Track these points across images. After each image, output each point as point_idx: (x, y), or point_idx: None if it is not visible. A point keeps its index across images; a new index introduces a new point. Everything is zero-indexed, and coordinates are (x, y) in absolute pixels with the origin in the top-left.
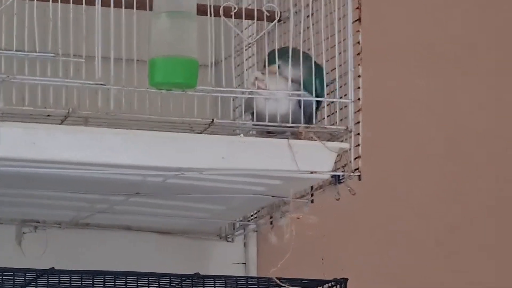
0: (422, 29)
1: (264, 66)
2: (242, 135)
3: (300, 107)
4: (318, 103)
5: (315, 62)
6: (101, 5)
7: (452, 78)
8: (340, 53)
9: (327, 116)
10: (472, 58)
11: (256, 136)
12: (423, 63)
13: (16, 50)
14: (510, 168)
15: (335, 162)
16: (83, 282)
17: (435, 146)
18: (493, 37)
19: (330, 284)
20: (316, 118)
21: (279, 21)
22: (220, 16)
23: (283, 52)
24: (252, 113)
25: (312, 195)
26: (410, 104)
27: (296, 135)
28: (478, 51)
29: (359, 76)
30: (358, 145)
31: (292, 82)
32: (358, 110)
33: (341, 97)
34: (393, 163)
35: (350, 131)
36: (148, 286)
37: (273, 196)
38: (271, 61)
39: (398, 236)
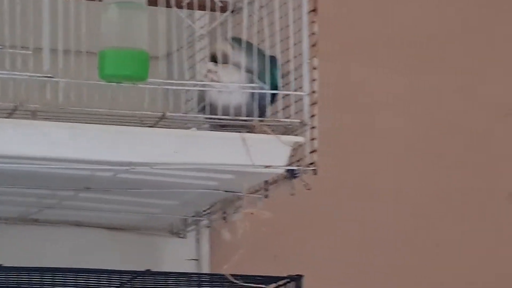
0: (390, 22)
1: (215, 60)
2: (194, 128)
3: (254, 99)
4: (275, 95)
5: (269, 55)
6: None
7: (419, 72)
8: (295, 44)
9: (282, 109)
10: (439, 51)
11: (209, 130)
12: (391, 56)
13: None
14: (474, 161)
15: (290, 156)
16: (31, 279)
17: (396, 140)
18: (461, 31)
19: (284, 281)
20: (271, 111)
21: (232, 11)
22: (171, 7)
23: (237, 40)
24: (205, 106)
25: (266, 190)
26: (376, 98)
27: (250, 129)
28: (443, 44)
29: (314, 68)
30: (314, 138)
31: (246, 73)
32: (314, 103)
33: (296, 90)
34: (352, 157)
35: (305, 125)
36: (99, 283)
37: (226, 191)
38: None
39: (354, 232)
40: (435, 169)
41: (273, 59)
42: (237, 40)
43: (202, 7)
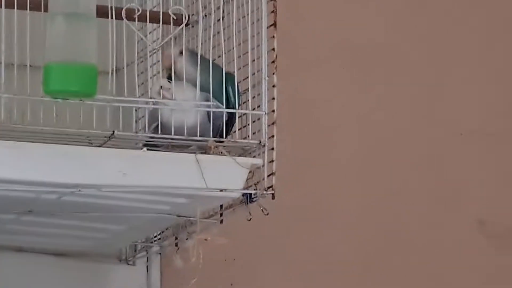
0: (347, 35)
1: (169, 77)
2: (145, 149)
3: (210, 119)
4: (232, 115)
5: (226, 71)
6: None
7: (376, 89)
8: (254, 60)
9: (239, 129)
10: (399, 65)
11: (160, 150)
12: (350, 71)
13: None
14: (435, 185)
15: (247, 180)
16: None
17: (359, 164)
18: (417, 45)
19: None
20: (229, 131)
21: (186, 25)
22: (122, 19)
23: (191, 54)
24: (157, 125)
25: (221, 215)
26: (335, 116)
27: (205, 150)
28: (405, 56)
29: (273, 86)
30: (272, 161)
31: (201, 91)
32: (273, 123)
33: (254, 109)
34: (313, 180)
35: (264, 146)
36: None
37: (178, 216)
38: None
39: (314, 259)
40: (394, 192)
41: (229, 76)
42: (191, 55)
43: (154, 20)
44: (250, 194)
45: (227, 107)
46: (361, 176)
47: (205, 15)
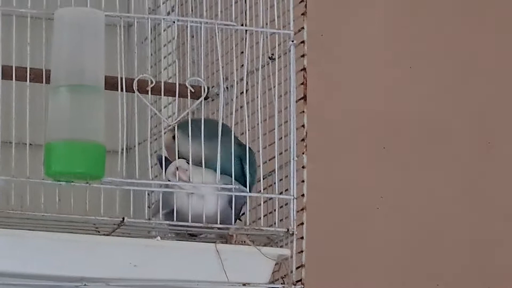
0: (383, 109)
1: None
2: (159, 237)
3: (231, 205)
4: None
5: (238, 142)
6: None
7: (421, 168)
8: (281, 138)
9: (264, 216)
10: (439, 142)
11: (176, 239)
12: (386, 150)
13: None
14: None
15: (273, 272)
16: None
17: (399, 254)
18: (459, 114)
19: None
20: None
21: (206, 98)
22: (133, 91)
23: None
24: (172, 211)
25: None
26: (371, 201)
27: (226, 238)
28: (445, 132)
29: (303, 167)
30: (302, 251)
31: (221, 174)
32: (302, 209)
33: (281, 193)
34: (346, 274)
35: (292, 234)
36: None
37: None
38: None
39: None
40: (437, 266)
41: (240, 148)
42: (211, 129)
43: (170, 93)
44: None
45: (243, 184)
46: (402, 266)
47: (227, 87)
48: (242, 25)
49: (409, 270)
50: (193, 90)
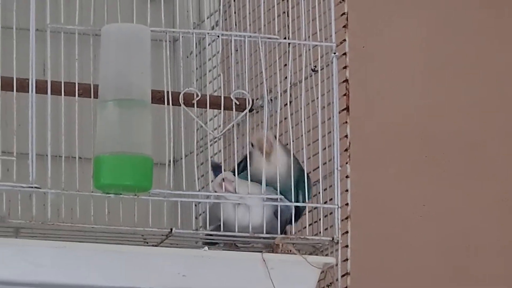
0: (425, 121)
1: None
2: (206, 248)
3: (276, 216)
4: (299, 210)
5: (296, 160)
6: (36, 92)
7: (463, 181)
8: (325, 148)
9: (309, 225)
10: (480, 156)
11: (223, 249)
12: (429, 160)
13: None
14: None
15: (319, 281)
16: None
17: (443, 263)
18: (501, 131)
19: None
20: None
21: (250, 110)
22: (179, 105)
23: None
24: (219, 222)
25: None
26: (416, 211)
27: (272, 248)
28: (485, 147)
29: (347, 177)
30: (347, 259)
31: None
32: (346, 218)
33: (325, 202)
34: (391, 282)
35: (337, 243)
36: None
37: None
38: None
39: None
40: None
41: (301, 170)
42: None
43: (215, 105)
44: None
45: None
46: (445, 274)
47: (271, 100)
48: (285, 38)
49: (452, 277)
50: (238, 103)
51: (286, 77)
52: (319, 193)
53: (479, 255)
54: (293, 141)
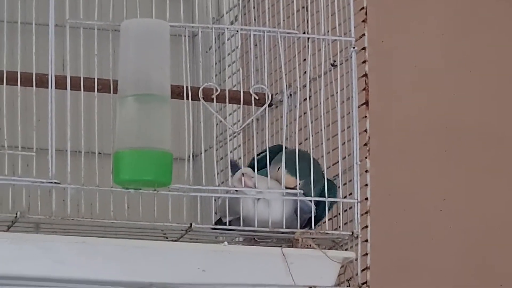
0: (444, 115)
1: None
2: (226, 243)
3: (295, 211)
4: (329, 204)
5: (315, 161)
6: (55, 87)
7: (483, 175)
8: (344, 143)
9: (329, 220)
10: (499, 149)
11: (242, 244)
12: (448, 155)
13: None
14: None
15: (339, 275)
16: None
17: (460, 260)
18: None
19: None
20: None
21: (270, 105)
22: (199, 100)
23: (281, 155)
24: (238, 217)
25: None
26: (435, 205)
27: (291, 243)
28: (506, 141)
29: (366, 171)
30: (367, 254)
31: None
32: (366, 212)
33: (345, 197)
34: (411, 275)
35: (356, 237)
36: None
37: None
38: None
39: None
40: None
41: (331, 183)
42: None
43: (234, 100)
44: None
45: (321, 209)
46: (466, 268)
47: (290, 94)
48: (304, 33)
49: (472, 271)
50: (257, 98)
51: (305, 72)
52: (339, 187)
53: (500, 248)
54: (312, 135)
